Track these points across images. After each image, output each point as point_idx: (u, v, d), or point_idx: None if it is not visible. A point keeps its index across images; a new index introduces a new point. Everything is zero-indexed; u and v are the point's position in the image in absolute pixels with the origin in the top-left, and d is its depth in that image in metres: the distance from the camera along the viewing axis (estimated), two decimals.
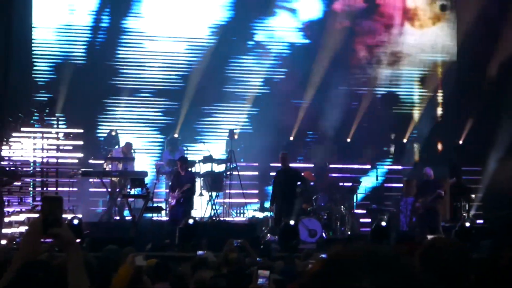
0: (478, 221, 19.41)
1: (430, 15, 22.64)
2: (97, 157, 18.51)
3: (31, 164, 17.90)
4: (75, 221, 16.11)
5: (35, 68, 20.12)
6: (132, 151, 18.53)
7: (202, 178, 18.64)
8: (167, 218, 17.19)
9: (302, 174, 18.05)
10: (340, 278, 1.63)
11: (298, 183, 17.55)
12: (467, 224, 17.75)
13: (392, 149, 21.93)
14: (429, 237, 13.43)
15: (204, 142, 19.32)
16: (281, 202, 17.16)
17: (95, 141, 19.46)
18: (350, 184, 19.87)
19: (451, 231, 17.37)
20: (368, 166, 21.03)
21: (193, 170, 18.46)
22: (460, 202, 19.29)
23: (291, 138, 21.42)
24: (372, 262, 1.66)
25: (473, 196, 19.71)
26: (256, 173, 20.96)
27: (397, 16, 22.36)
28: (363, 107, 21.93)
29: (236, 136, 20.18)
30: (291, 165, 18.02)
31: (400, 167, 21.60)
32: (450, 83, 22.44)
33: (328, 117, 21.00)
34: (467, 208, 19.20)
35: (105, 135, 19.54)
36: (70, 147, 18.24)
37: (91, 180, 17.90)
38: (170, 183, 16.99)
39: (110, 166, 17.79)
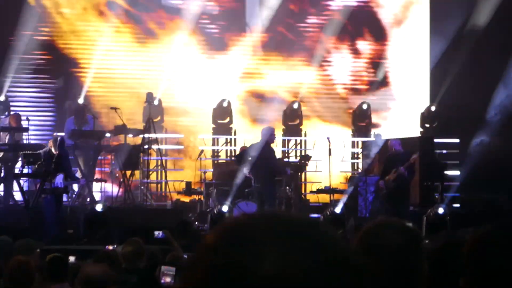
0: (455, 206, 17.79)
1: None
2: None
3: None
4: None
5: None
6: (27, 122, 16.93)
7: (113, 154, 17.09)
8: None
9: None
10: (236, 250, 1.33)
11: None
12: (441, 210, 16.05)
13: None
14: None
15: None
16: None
17: None
18: (297, 160, 18.17)
19: (421, 218, 15.75)
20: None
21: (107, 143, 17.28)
22: (432, 183, 17.66)
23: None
24: (279, 229, 1.37)
25: (448, 174, 18.10)
26: (182, 147, 19.13)
27: None
28: None
29: (156, 101, 18.02)
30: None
31: (361, 138, 19.58)
32: None
33: None
34: (440, 190, 17.65)
35: None
36: None
37: None
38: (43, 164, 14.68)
39: None
